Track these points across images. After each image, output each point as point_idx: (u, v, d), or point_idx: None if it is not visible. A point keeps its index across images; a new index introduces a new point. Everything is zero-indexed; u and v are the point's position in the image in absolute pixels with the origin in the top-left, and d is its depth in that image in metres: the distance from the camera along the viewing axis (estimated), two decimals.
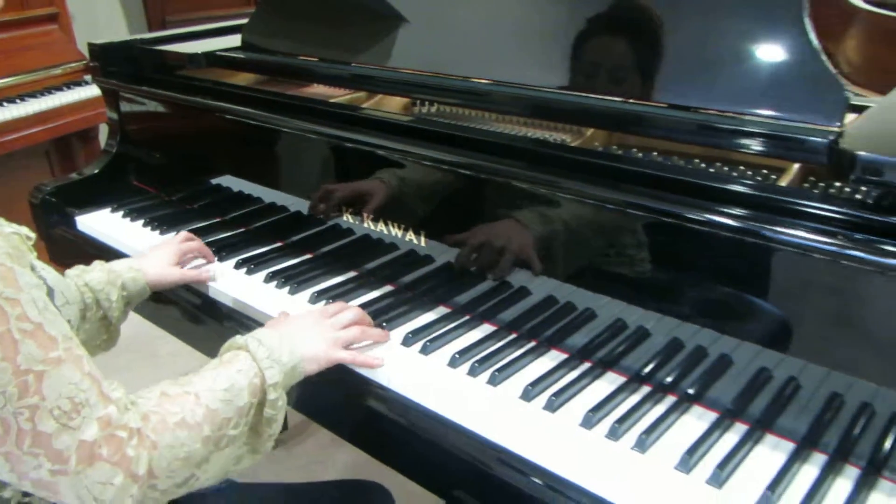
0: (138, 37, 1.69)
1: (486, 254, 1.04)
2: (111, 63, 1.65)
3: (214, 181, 1.50)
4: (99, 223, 1.51)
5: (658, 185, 0.88)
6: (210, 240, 1.35)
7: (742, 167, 0.97)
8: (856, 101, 0.88)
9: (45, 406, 0.66)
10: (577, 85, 1.05)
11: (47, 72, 2.73)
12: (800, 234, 0.76)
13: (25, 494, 0.78)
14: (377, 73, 1.27)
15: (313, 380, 0.94)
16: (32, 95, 2.62)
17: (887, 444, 0.76)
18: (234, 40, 1.55)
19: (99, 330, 1.09)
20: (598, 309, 0.96)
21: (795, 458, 0.78)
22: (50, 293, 0.79)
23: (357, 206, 1.19)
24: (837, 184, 0.86)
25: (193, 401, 0.78)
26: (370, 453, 1.03)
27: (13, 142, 2.49)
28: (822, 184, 0.89)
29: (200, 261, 1.28)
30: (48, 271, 0.86)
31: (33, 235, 0.83)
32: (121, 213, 1.54)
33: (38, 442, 0.66)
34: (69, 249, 1.55)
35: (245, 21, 1.56)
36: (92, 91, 2.85)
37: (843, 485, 0.76)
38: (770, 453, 0.80)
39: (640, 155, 1.03)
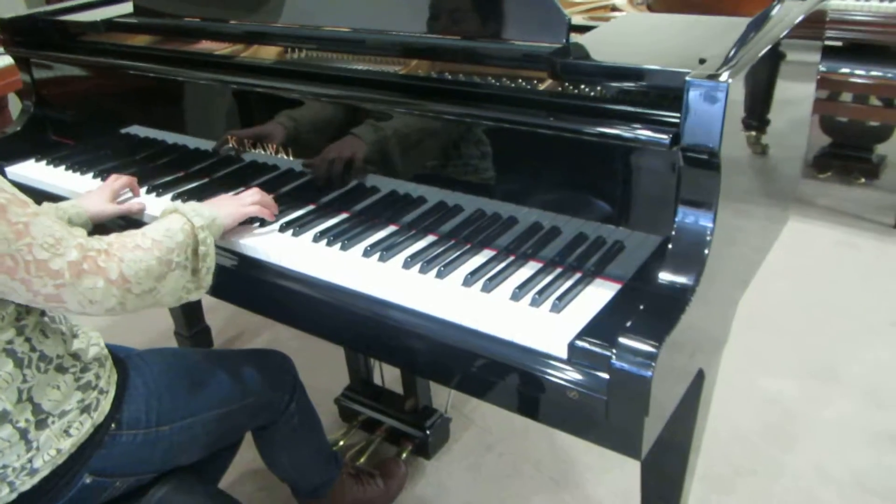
0: (42, 9, 1.94)
1: (337, 161, 1.38)
2: (19, 34, 1.90)
3: (123, 130, 1.78)
4: (26, 171, 1.78)
5: (474, 97, 1.21)
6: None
7: (520, 80, 1.31)
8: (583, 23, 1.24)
9: (36, 242, 0.95)
10: (405, 27, 1.35)
11: None
12: (535, 121, 1.12)
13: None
14: (251, 27, 1.56)
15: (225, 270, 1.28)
16: None
17: (604, 260, 1.14)
18: (128, 7, 1.81)
19: None
20: (420, 194, 1.31)
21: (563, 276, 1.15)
22: None
23: (240, 136, 1.50)
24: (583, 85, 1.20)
25: (141, 235, 1.10)
26: (270, 316, 1.39)
27: None
28: (571, 86, 1.23)
29: (129, 194, 1.57)
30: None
31: None
32: (44, 161, 1.81)
33: (40, 267, 0.96)
34: None
35: None
36: None
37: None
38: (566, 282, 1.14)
39: (450, 76, 1.37)
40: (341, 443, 1.99)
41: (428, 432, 1.93)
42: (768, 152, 1.29)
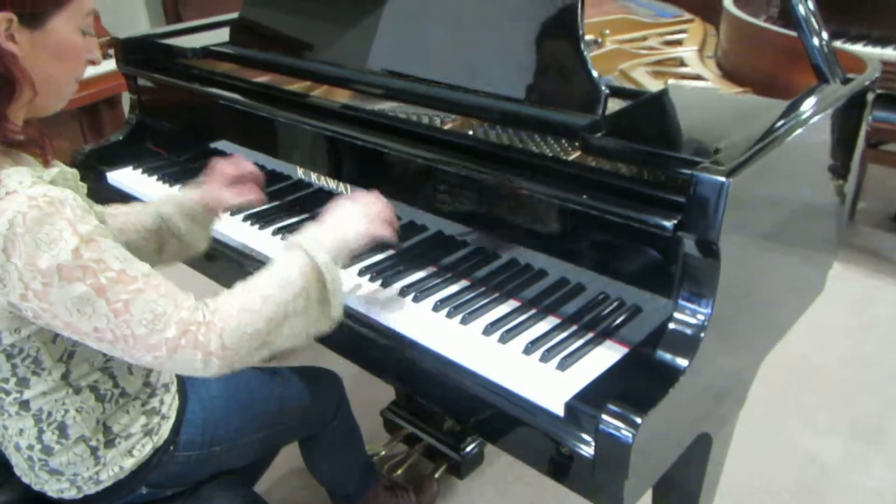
0: (150, 31, 2.14)
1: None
2: (130, 52, 2.10)
3: (213, 145, 1.95)
4: (124, 178, 1.98)
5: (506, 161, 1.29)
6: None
7: (554, 144, 1.38)
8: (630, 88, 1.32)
9: (135, 319, 0.97)
10: (474, 85, 1.42)
11: None
12: (555, 192, 1.20)
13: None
14: (328, 69, 1.68)
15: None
16: None
17: (618, 322, 1.22)
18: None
19: (180, 246, 1.46)
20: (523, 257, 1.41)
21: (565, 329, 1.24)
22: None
23: (316, 168, 1.63)
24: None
25: (252, 293, 1.07)
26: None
27: None
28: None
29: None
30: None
31: (77, 171, 1.18)
32: (140, 170, 2.01)
33: (137, 342, 0.99)
34: (102, 198, 2.01)
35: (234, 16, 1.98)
36: (114, 63, 3.30)
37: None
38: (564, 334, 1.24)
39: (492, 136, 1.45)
40: (382, 452, 2.11)
41: (462, 454, 2.04)
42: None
